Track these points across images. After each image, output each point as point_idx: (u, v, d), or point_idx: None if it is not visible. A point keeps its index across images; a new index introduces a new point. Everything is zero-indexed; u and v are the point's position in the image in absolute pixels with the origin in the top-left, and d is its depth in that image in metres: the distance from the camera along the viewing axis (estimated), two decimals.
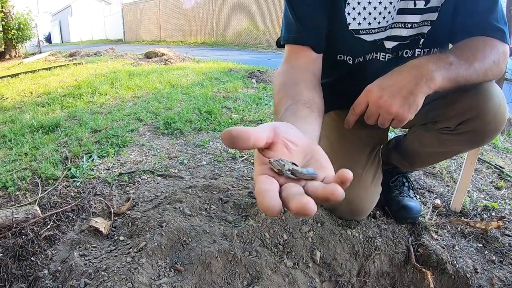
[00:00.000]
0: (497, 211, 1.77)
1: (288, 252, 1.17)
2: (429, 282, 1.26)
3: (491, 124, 1.13)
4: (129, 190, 1.65)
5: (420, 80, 0.95)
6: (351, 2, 1.14)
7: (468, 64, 1.00)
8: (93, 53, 10.06)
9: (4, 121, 3.05)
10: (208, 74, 5.10)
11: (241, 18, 16.92)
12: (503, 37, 1.08)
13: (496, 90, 1.12)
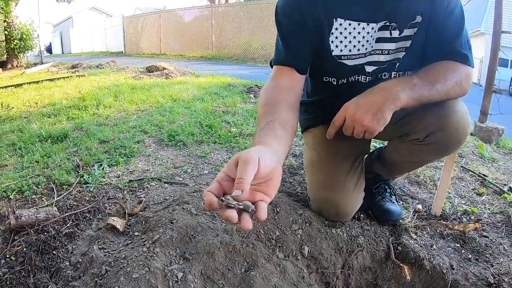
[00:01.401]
0: (476, 215, 1.92)
1: (279, 246, 1.33)
2: (406, 275, 1.43)
3: (453, 136, 1.33)
4: (139, 194, 1.82)
5: (388, 99, 1.18)
6: (334, 32, 1.34)
7: (431, 85, 1.22)
8: (95, 65, 10.20)
9: (12, 130, 3.19)
10: (208, 89, 5.29)
11: (240, 33, 17.29)
12: (466, 61, 1.30)
13: (459, 106, 1.33)
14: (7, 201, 1.80)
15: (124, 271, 1.09)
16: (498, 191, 2.25)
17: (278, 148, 1.02)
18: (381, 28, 1.32)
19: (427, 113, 1.32)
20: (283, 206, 1.50)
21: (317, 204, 1.57)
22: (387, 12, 1.29)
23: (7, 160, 2.43)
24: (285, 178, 2.14)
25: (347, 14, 1.31)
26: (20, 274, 1.24)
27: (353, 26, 1.32)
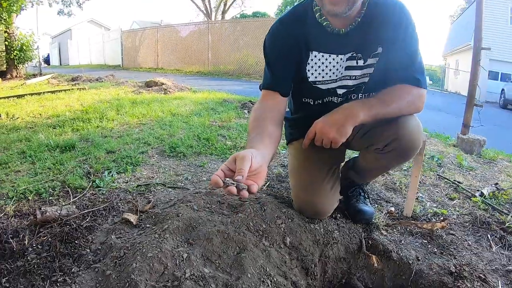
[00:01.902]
0: (445, 216, 2.15)
1: (265, 236, 1.61)
2: (374, 263, 1.71)
3: (407, 144, 1.64)
4: (148, 196, 2.09)
5: (348, 117, 1.52)
6: (310, 62, 1.68)
7: (385, 105, 1.56)
8: (95, 78, 10.47)
9: (20, 139, 3.40)
10: (205, 105, 5.60)
11: (236, 49, 17.68)
12: (419, 84, 1.62)
13: (412, 120, 1.64)
14: (26, 202, 2.02)
15: (140, 252, 1.35)
16: (470, 196, 2.51)
17: (265, 152, 1.35)
18: (349, 58, 1.64)
19: (385, 127, 1.62)
20: (269, 205, 1.78)
21: (298, 204, 1.86)
22: (354, 45, 1.62)
23: (19, 166, 2.64)
24: (274, 185, 2.42)
25: (321, 47, 1.64)
26: (46, 259, 1.46)
27: (325, 57, 1.66)
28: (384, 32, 1.57)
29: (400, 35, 1.56)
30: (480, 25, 4.20)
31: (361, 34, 1.58)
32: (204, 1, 32.48)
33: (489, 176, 3.10)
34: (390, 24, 1.56)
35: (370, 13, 1.56)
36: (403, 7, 1.57)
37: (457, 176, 2.95)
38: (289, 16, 1.68)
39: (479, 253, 1.81)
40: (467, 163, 3.37)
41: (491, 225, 2.06)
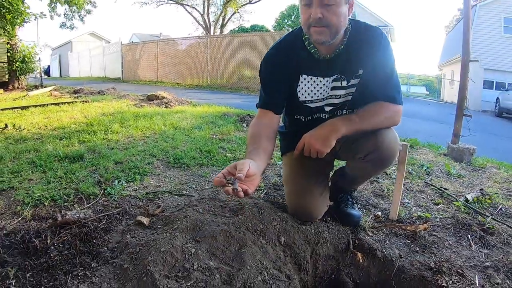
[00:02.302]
0: (428, 219, 2.34)
1: (262, 235, 1.81)
2: (360, 259, 1.92)
3: (384, 154, 1.87)
4: (157, 202, 2.29)
5: (332, 131, 1.77)
6: (300, 84, 1.93)
7: (364, 120, 1.82)
8: (96, 91, 10.68)
9: (28, 150, 3.56)
10: (205, 118, 5.80)
11: (234, 63, 17.93)
12: (394, 101, 1.88)
13: (389, 133, 1.89)
14: (43, 207, 2.21)
15: (154, 247, 1.56)
16: (454, 201, 2.68)
17: (260, 164, 1.63)
18: (334, 79, 1.90)
19: (366, 139, 1.86)
20: (266, 209, 1.99)
21: (291, 208, 2.09)
22: (338, 68, 1.87)
23: (31, 175, 2.80)
24: (271, 192, 2.63)
25: (310, 71, 1.90)
26: (67, 256, 1.64)
27: (314, 79, 1.91)
28: (364, 57, 1.83)
29: (377, 59, 1.82)
30: (467, 38, 4.41)
31: (344, 58, 1.83)
32: (203, 16, 32.89)
33: (476, 183, 3.28)
34: (369, 49, 1.81)
35: (352, 40, 1.82)
36: (381, 34, 1.83)
37: (444, 183, 3.13)
38: (282, 44, 1.94)
39: (459, 251, 1.98)
40: (456, 171, 3.55)
41: (472, 227, 2.23)
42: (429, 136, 6.88)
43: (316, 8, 1.63)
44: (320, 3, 1.63)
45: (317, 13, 1.63)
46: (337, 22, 1.67)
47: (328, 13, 1.64)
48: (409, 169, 3.47)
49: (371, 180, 3.04)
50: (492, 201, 2.72)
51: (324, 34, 1.68)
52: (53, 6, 20.53)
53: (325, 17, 1.64)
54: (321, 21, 1.64)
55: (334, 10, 1.64)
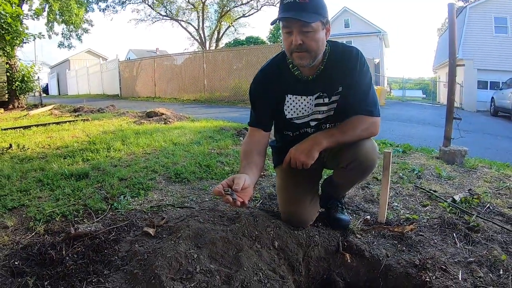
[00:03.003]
0: (416, 221, 2.47)
1: (258, 240, 1.98)
2: (348, 259, 2.07)
3: (364, 162, 2.07)
4: (161, 214, 2.45)
5: (314, 144, 1.97)
6: (286, 103, 2.13)
7: (344, 133, 2.02)
8: (96, 109, 10.86)
9: (34, 169, 3.72)
10: (203, 133, 5.96)
11: (230, 76, 18.07)
12: (371, 114, 2.07)
13: (368, 143, 2.08)
14: (54, 222, 2.37)
15: (161, 254, 1.74)
16: (441, 202, 2.81)
17: (253, 177, 1.85)
18: (317, 97, 2.10)
19: (348, 149, 2.06)
20: (261, 217, 2.16)
21: (284, 215, 2.27)
22: (320, 87, 2.07)
23: (40, 193, 2.95)
24: (266, 202, 2.79)
25: (295, 91, 2.10)
26: (82, 265, 1.81)
27: (298, 98, 2.11)
28: (342, 75, 2.03)
29: (355, 76, 2.02)
30: (453, 44, 4.58)
31: (325, 78, 2.04)
32: (198, 30, 33.24)
33: (466, 183, 3.41)
34: (347, 68, 2.02)
35: (331, 61, 2.02)
36: (357, 53, 2.03)
37: (434, 186, 3.26)
38: (268, 68, 2.15)
39: (444, 249, 2.11)
40: (446, 173, 3.69)
41: (457, 225, 2.36)
42: (423, 140, 7.05)
43: (297, 35, 1.83)
44: (300, 31, 1.83)
45: (297, 40, 1.83)
46: (316, 47, 1.88)
47: (307, 39, 1.84)
48: (400, 174, 3.62)
49: (362, 186, 3.20)
50: (480, 200, 2.84)
51: (305, 58, 1.89)
52: (50, 25, 20.87)
53: (305, 43, 1.84)
54: (302, 47, 1.85)
55: (312, 37, 1.85)
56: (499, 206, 2.80)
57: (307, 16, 1.79)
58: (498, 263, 1.96)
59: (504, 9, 20.74)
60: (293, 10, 1.80)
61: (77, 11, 19.65)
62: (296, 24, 1.82)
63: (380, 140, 5.89)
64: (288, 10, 1.81)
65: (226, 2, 32.18)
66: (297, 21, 1.80)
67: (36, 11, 15.27)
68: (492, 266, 1.94)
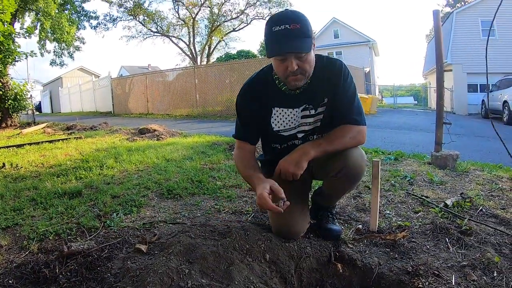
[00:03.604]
0: (408, 228, 2.48)
1: (249, 254, 1.99)
2: (340, 269, 2.08)
3: (353, 170, 2.11)
4: (153, 231, 2.46)
5: (302, 155, 2.02)
6: (273, 116, 2.18)
7: (331, 142, 2.07)
8: (89, 127, 10.87)
9: (27, 188, 3.75)
10: (196, 149, 5.98)
11: (222, 90, 18.16)
12: (357, 123, 2.12)
13: (355, 152, 2.13)
14: (48, 241, 2.39)
15: (152, 269, 1.75)
16: (433, 207, 2.83)
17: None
18: (303, 109, 2.15)
19: (336, 158, 2.10)
20: (252, 231, 2.17)
21: (275, 228, 2.27)
22: (306, 100, 2.13)
23: (33, 212, 2.97)
24: (258, 215, 2.80)
25: (281, 104, 2.15)
26: (75, 283, 1.83)
27: (285, 111, 2.16)
28: (327, 87, 2.10)
29: (339, 88, 2.09)
30: (440, 50, 4.65)
31: (311, 91, 2.09)
32: (189, 46, 33.43)
33: (458, 187, 3.45)
34: (331, 80, 2.09)
35: (316, 75, 2.08)
36: (341, 65, 2.10)
37: (426, 192, 3.29)
38: (254, 81, 2.20)
39: (436, 254, 2.12)
40: (438, 178, 3.72)
41: (449, 230, 2.37)
42: (415, 146, 7.08)
43: (293, 62, 1.87)
44: (295, 57, 1.88)
45: (294, 67, 1.88)
46: (309, 68, 1.97)
47: (303, 63, 1.91)
48: (392, 182, 3.65)
49: (353, 195, 3.23)
50: (472, 204, 2.87)
51: (300, 80, 1.97)
52: (42, 43, 20.92)
53: (300, 67, 1.91)
54: (297, 71, 1.91)
55: (306, 60, 1.91)
56: (492, 208, 2.83)
57: (303, 44, 1.84)
58: (492, 265, 1.96)
59: (491, 12, 20.88)
60: (287, 37, 1.82)
61: (68, 29, 19.75)
62: (292, 52, 1.86)
63: (372, 148, 5.94)
64: (282, 39, 1.83)
65: (216, 17, 32.49)
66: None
67: (28, 29, 15.33)
68: (486, 268, 1.95)
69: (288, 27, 1.80)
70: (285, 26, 1.81)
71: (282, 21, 1.83)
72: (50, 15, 17.96)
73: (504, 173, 4.10)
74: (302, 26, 1.83)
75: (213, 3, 32.16)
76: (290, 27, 1.80)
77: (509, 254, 2.10)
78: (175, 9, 32.52)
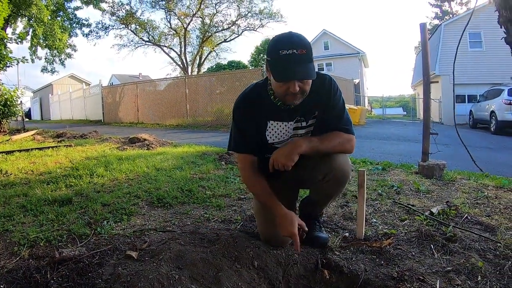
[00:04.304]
0: (394, 235, 2.54)
1: (237, 261, 2.04)
2: (326, 275, 2.11)
3: (338, 174, 2.21)
4: (143, 238, 2.49)
5: (294, 147, 2.08)
6: (268, 129, 2.25)
7: (322, 142, 2.13)
8: (79, 135, 10.85)
9: (17, 194, 3.75)
10: (186, 159, 6.00)
11: (212, 100, 18.17)
12: (347, 131, 2.22)
13: (341, 157, 2.23)
14: (39, 247, 2.40)
15: (143, 275, 1.79)
16: (419, 215, 2.89)
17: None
18: (295, 121, 2.23)
19: (322, 162, 2.19)
20: (241, 238, 2.23)
21: (263, 236, 2.34)
22: (298, 113, 2.21)
23: (23, 219, 2.97)
24: (247, 224, 2.84)
25: (275, 118, 2.22)
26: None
27: (279, 124, 2.23)
28: (318, 101, 2.19)
29: (329, 102, 2.19)
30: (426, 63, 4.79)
31: (303, 105, 2.15)
32: (180, 56, 33.48)
33: (444, 196, 3.53)
34: (322, 94, 2.18)
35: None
36: (330, 80, 2.21)
37: (412, 200, 3.36)
38: (250, 95, 2.26)
39: (421, 260, 2.17)
40: (425, 187, 3.80)
41: (434, 237, 2.43)
42: (403, 157, 7.18)
43: (295, 85, 1.93)
44: (298, 80, 1.93)
45: (296, 89, 1.94)
46: (308, 88, 2.02)
47: (304, 85, 1.97)
48: (379, 191, 3.71)
49: (341, 204, 3.29)
50: (458, 211, 2.94)
51: (298, 99, 2.04)
52: (34, 49, 20.83)
53: (301, 88, 1.97)
54: (298, 92, 1.97)
55: (307, 82, 1.98)
56: (477, 215, 2.90)
57: (310, 71, 1.90)
58: (476, 270, 2.02)
59: (478, 24, 21.25)
60: (295, 63, 1.87)
61: (60, 36, 19.71)
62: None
63: (360, 158, 6.04)
64: (291, 64, 1.87)
65: (207, 27, 32.63)
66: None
67: (20, 35, 15.32)
68: (470, 273, 2.01)
69: (296, 52, 1.85)
70: (293, 51, 1.85)
71: (290, 46, 1.87)
72: (43, 22, 17.92)
73: (490, 181, 4.20)
74: (307, 51, 1.88)
75: (204, 13, 32.37)
76: (297, 52, 1.85)
77: (493, 259, 2.17)
78: (167, 19, 32.62)
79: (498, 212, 3.03)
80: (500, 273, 2.01)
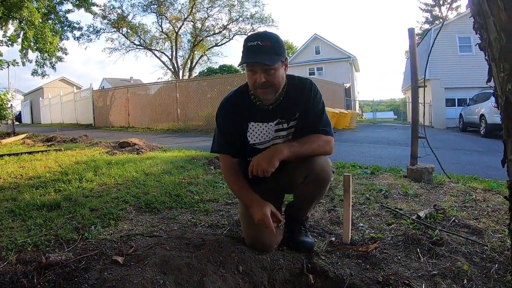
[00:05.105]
0: (380, 239, 2.56)
1: (222, 266, 2.06)
2: (311, 279, 2.13)
3: (319, 176, 2.24)
4: (130, 243, 2.49)
5: (275, 153, 2.13)
6: (249, 130, 2.31)
7: (302, 145, 2.19)
8: (69, 139, 10.79)
9: (6, 199, 3.74)
10: (175, 163, 6.00)
11: (203, 104, 18.19)
12: (325, 133, 2.29)
13: (322, 159, 2.27)
14: (26, 252, 2.41)
15: (128, 280, 1.81)
16: (406, 219, 2.92)
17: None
18: (277, 123, 2.30)
19: (303, 165, 2.23)
20: (226, 243, 2.25)
21: (248, 240, 2.36)
22: (279, 115, 2.29)
23: (11, 223, 2.98)
24: (233, 229, 2.86)
25: (256, 119, 2.29)
26: None
27: (260, 125, 2.30)
28: (299, 103, 2.27)
29: (309, 104, 2.26)
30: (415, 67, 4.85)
31: (284, 106, 2.25)
32: (171, 60, 33.49)
33: (432, 199, 3.56)
34: (302, 97, 2.26)
35: (289, 92, 2.26)
36: (310, 84, 2.29)
37: (400, 204, 3.38)
38: (232, 97, 2.35)
39: (407, 264, 2.19)
40: (413, 191, 3.83)
41: (421, 241, 2.45)
42: (392, 160, 7.22)
43: (260, 74, 2.07)
44: (263, 70, 2.06)
45: (261, 79, 2.07)
46: (277, 82, 2.14)
47: (270, 76, 2.09)
48: (367, 195, 3.75)
49: (328, 209, 3.32)
50: (445, 215, 2.97)
51: (268, 93, 2.15)
52: (24, 52, 20.66)
53: (268, 80, 2.09)
54: (265, 84, 2.09)
55: (274, 74, 2.10)
56: (464, 218, 2.93)
57: (270, 59, 2.04)
58: (462, 274, 2.04)
59: (467, 29, 21.43)
60: (257, 52, 2.04)
61: (51, 39, 19.57)
62: (260, 65, 2.05)
63: (349, 163, 6.07)
64: (253, 53, 2.05)
65: (199, 32, 32.69)
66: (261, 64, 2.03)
67: (10, 37, 15.18)
68: (456, 277, 2.02)
69: (260, 43, 2.04)
70: (257, 42, 2.05)
71: (256, 38, 2.08)
72: (34, 24, 17.79)
73: (478, 184, 4.26)
74: (272, 44, 2.06)
75: (196, 17, 32.48)
76: (261, 44, 2.04)
77: (479, 262, 2.20)
78: (159, 23, 32.75)
79: (486, 215, 3.06)
80: (486, 276, 2.03)
